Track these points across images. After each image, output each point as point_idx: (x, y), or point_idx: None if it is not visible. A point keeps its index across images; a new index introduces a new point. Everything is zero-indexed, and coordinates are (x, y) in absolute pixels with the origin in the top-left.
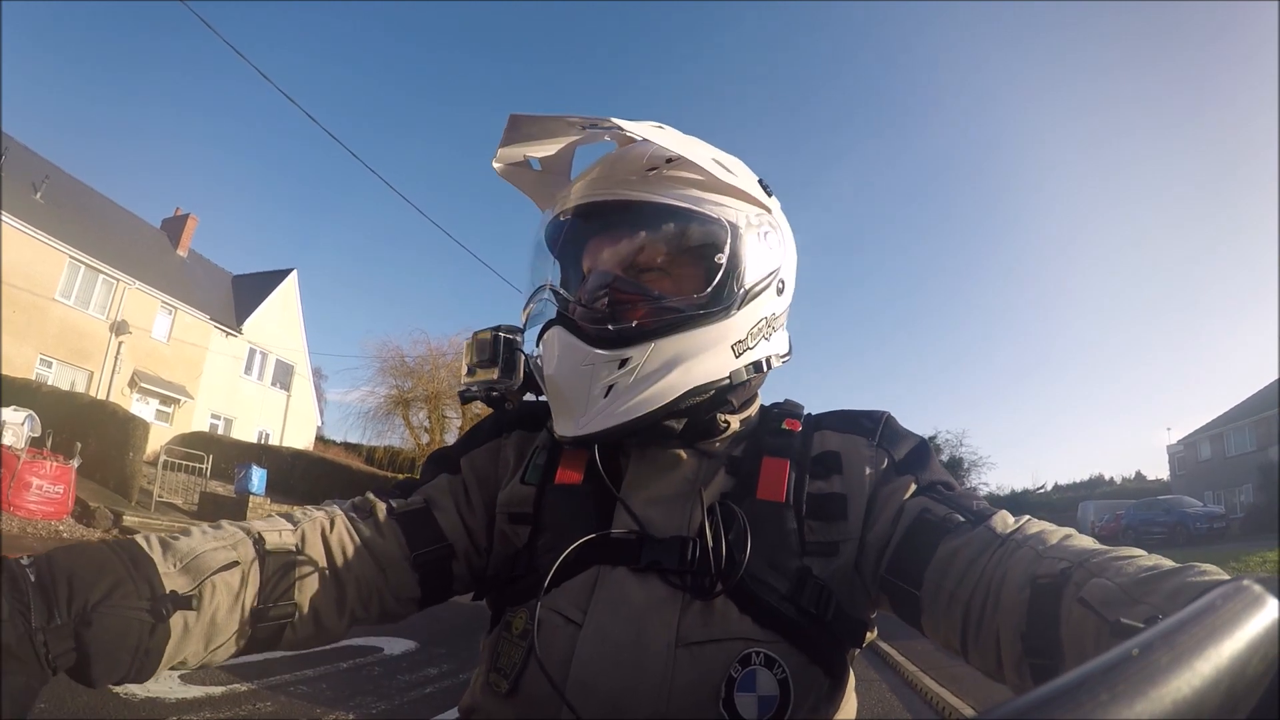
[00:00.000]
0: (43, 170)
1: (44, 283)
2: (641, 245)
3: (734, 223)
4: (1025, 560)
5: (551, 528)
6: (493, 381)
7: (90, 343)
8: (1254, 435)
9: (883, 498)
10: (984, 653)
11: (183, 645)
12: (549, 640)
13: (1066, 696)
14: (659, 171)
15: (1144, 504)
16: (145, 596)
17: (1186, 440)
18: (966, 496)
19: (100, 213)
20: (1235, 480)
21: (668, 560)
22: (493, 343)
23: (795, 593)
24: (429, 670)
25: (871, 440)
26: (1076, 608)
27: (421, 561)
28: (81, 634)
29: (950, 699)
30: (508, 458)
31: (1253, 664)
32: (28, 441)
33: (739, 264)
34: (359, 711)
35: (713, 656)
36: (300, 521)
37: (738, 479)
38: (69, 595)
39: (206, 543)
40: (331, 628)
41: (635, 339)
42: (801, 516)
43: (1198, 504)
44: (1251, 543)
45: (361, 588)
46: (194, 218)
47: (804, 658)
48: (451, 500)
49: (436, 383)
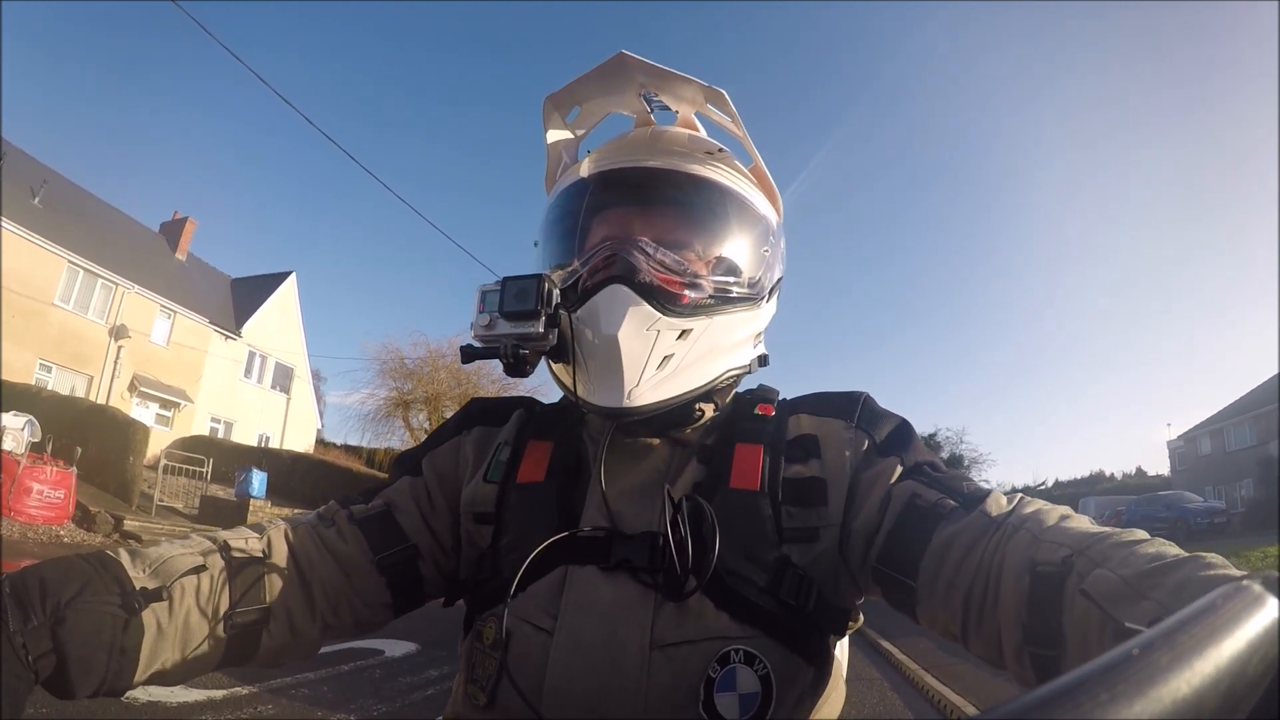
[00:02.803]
0: (41, 175)
1: (43, 287)
2: (707, 222)
3: (773, 221)
4: (1023, 545)
5: (514, 528)
6: (527, 335)
7: (90, 347)
8: (1254, 430)
9: (866, 481)
10: (986, 641)
11: (158, 648)
12: (521, 651)
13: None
14: (723, 155)
15: (1145, 500)
16: (115, 593)
17: (1187, 435)
18: (955, 478)
19: (99, 217)
20: (1236, 475)
21: (638, 558)
22: (537, 289)
23: (774, 584)
24: (430, 672)
25: (850, 422)
26: (1080, 600)
27: (386, 564)
28: (57, 633)
29: (952, 697)
30: (467, 455)
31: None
32: (28, 447)
33: (775, 260)
34: (360, 714)
35: (689, 658)
36: (266, 530)
37: (710, 468)
38: (42, 596)
39: (174, 549)
40: (306, 636)
41: (697, 312)
42: (778, 503)
43: (1198, 499)
44: (1252, 538)
45: (329, 593)
46: (192, 221)
47: (785, 650)
48: (413, 502)
49: (436, 384)
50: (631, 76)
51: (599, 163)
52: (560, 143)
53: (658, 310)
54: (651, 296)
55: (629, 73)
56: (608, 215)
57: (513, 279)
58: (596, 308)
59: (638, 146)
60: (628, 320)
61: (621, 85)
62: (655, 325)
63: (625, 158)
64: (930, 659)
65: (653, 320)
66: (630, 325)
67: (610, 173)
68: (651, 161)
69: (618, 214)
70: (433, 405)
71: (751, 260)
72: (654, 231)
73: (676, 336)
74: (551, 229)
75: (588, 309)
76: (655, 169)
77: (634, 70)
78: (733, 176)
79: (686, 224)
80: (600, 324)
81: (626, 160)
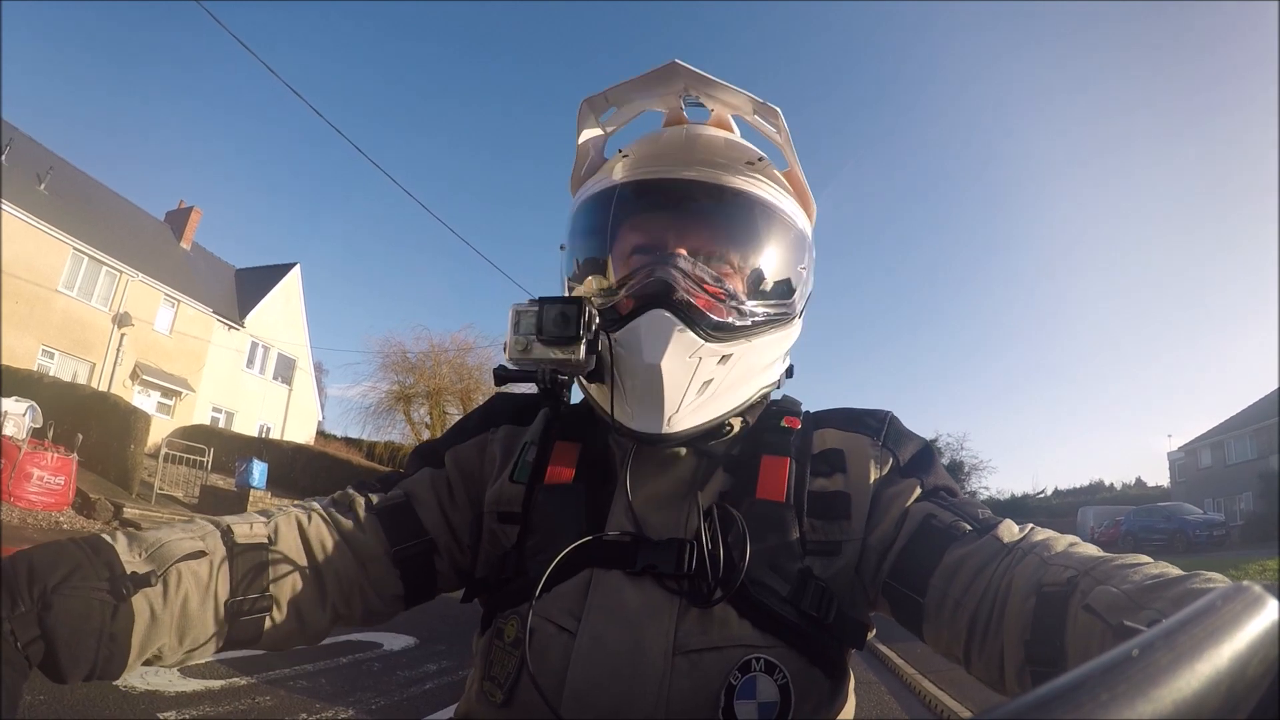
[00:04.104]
0: (47, 162)
1: (47, 274)
2: (747, 241)
3: (809, 234)
4: (1031, 568)
5: (541, 529)
6: (566, 361)
7: (92, 334)
8: (1255, 443)
9: (886, 499)
10: (988, 662)
11: (152, 634)
12: (542, 650)
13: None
14: (763, 165)
15: (1144, 510)
16: (104, 578)
17: (1187, 447)
18: (970, 504)
19: (104, 205)
20: (1235, 488)
21: (664, 564)
22: (579, 313)
23: (796, 595)
24: (428, 666)
25: (876, 440)
26: (1082, 615)
27: (402, 557)
28: (43, 618)
29: (948, 702)
30: (494, 453)
31: (1253, 665)
32: (29, 432)
33: (808, 275)
34: (358, 707)
35: (711, 664)
36: (275, 516)
37: (736, 478)
38: (29, 582)
39: (173, 534)
40: (314, 624)
41: (738, 335)
42: (802, 515)
43: (1197, 511)
44: (1251, 551)
45: (342, 583)
46: (198, 211)
47: (804, 661)
48: (433, 494)
49: (438, 379)
50: (679, 84)
51: (635, 169)
52: (590, 141)
53: (701, 337)
54: (695, 322)
55: (678, 81)
56: (643, 226)
57: (550, 301)
58: (639, 333)
59: (674, 150)
60: (671, 348)
61: (666, 91)
62: (698, 352)
63: (663, 167)
64: (927, 663)
65: (696, 347)
66: (674, 353)
67: (648, 182)
68: (689, 173)
69: (654, 226)
70: (434, 399)
71: (790, 279)
72: (692, 246)
73: (717, 361)
74: (583, 236)
75: (629, 333)
76: (696, 182)
77: (685, 80)
78: (774, 190)
79: (726, 241)
80: (643, 351)
81: (665, 170)
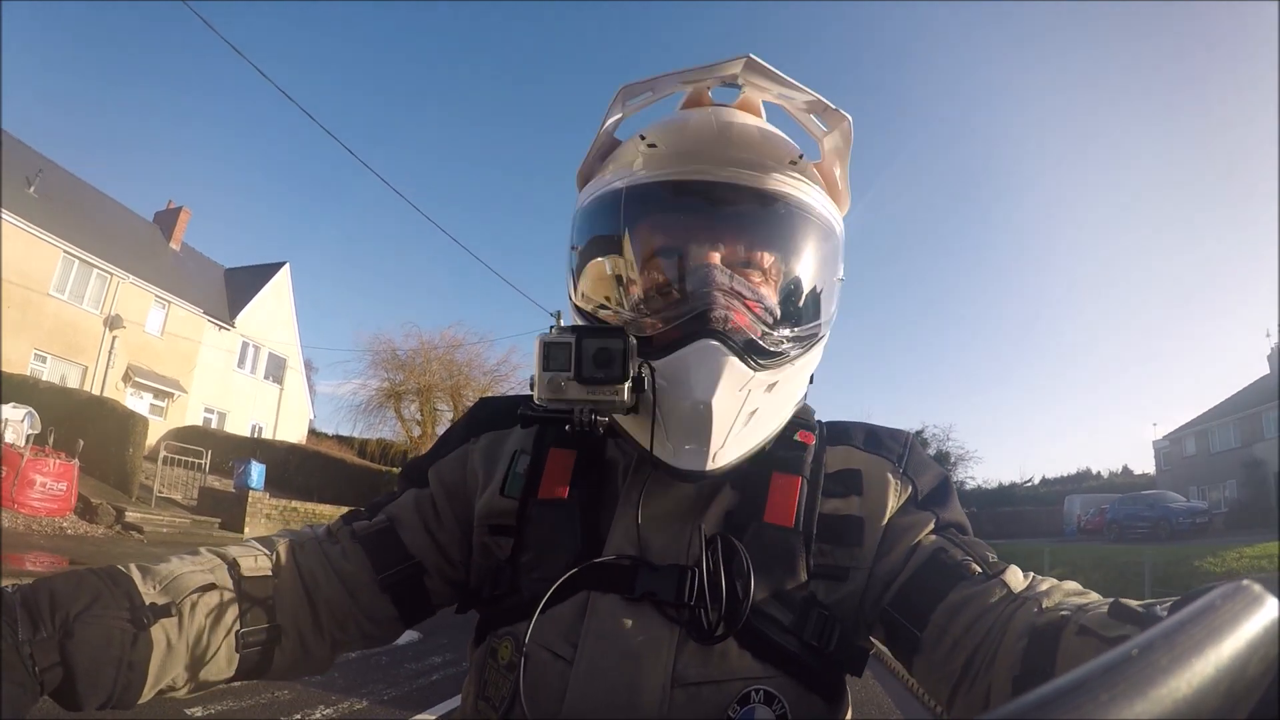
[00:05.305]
0: (36, 164)
1: (38, 277)
2: (789, 254)
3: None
4: (1029, 612)
5: (535, 547)
6: (606, 401)
7: (84, 337)
8: (1238, 432)
9: (899, 529)
10: (971, 703)
11: (168, 664)
12: (537, 677)
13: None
14: (804, 164)
15: (1128, 499)
16: (125, 607)
17: (1172, 436)
18: (980, 545)
19: (94, 206)
20: (1219, 476)
21: (664, 592)
22: (624, 349)
23: (799, 624)
24: (433, 659)
25: (898, 466)
26: (1075, 639)
27: (390, 583)
28: (65, 645)
29: None
30: (475, 465)
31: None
32: (29, 439)
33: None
34: (372, 698)
35: (710, 697)
36: (275, 545)
37: (745, 496)
38: (51, 609)
39: (185, 566)
40: (316, 653)
41: (784, 360)
42: (811, 539)
43: (1181, 499)
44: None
45: (335, 613)
46: (187, 211)
47: (803, 689)
48: (418, 516)
49: (428, 376)
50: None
51: (663, 165)
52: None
53: (750, 367)
54: (743, 352)
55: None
56: (672, 230)
57: (589, 334)
58: (687, 367)
59: (706, 145)
60: (723, 382)
61: (715, 82)
62: (748, 384)
63: (696, 165)
64: None
65: (746, 379)
66: (725, 387)
67: (682, 184)
68: (726, 173)
69: (685, 231)
70: (425, 397)
71: (830, 294)
72: (729, 257)
73: (765, 390)
74: (601, 236)
75: (674, 365)
76: (735, 185)
77: (755, 75)
78: (816, 194)
79: (767, 251)
80: (692, 387)
81: (698, 170)
